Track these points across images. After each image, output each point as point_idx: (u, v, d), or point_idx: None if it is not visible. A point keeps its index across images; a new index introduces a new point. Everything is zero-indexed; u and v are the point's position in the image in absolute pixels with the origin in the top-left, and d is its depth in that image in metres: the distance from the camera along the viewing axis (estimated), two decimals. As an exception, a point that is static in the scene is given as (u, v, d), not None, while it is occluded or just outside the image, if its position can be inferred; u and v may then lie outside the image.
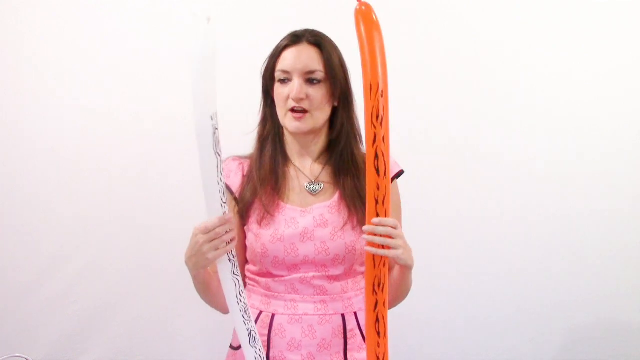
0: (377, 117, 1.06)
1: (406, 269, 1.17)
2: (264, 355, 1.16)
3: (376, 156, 1.07)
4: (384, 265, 1.10)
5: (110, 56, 2.16)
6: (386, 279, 1.11)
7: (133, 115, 2.17)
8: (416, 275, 1.35)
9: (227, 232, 1.09)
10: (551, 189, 2.22)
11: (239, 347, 1.28)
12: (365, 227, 1.09)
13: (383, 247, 1.08)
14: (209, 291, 1.24)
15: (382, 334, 1.12)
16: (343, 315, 1.25)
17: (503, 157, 2.22)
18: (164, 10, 2.17)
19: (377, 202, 1.08)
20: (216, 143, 1.05)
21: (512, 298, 2.24)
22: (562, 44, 2.21)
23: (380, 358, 1.12)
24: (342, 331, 1.24)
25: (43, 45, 2.16)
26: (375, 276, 1.10)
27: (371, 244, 1.09)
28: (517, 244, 2.23)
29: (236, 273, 1.13)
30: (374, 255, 1.09)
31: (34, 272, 2.18)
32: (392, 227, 1.09)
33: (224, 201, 1.09)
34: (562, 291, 2.24)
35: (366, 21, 1.06)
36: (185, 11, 2.13)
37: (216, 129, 1.05)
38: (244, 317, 1.14)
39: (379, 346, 1.12)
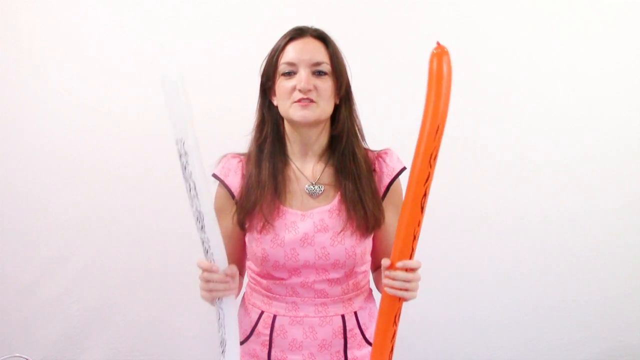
0: (435, 158, 1.05)
1: None
2: None
3: (425, 194, 1.07)
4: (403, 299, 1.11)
5: (110, 56, 2.16)
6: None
7: (133, 115, 2.17)
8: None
9: (220, 283, 1.10)
10: (551, 188, 2.22)
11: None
12: (391, 273, 1.09)
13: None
14: None
15: None
16: (343, 316, 1.25)
17: (503, 157, 2.21)
18: (165, 10, 2.16)
19: (414, 238, 1.08)
20: (183, 168, 1.03)
21: (512, 298, 2.24)
22: (562, 43, 2.20)
23: None
24: (342, 331, 1.25)
25: (44, 45, 2.16)
26: (398, 309, 1.11)
27: (391, 286, 1.09)
28: (517, 244, 2.23)
29: (219, 305, 1.13)
30: None
31: (34, 272, 2.18)
32: (413, 270, 1.09)
33: (199, 227, 1.07)
34: (561, 291, 2.24)
35: (441, 63, 1.04)
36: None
37: (181, 154, 1.02)
38: (219, 346, 1.14)
39: None
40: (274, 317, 1.25)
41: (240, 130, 1.31)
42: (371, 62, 2.08)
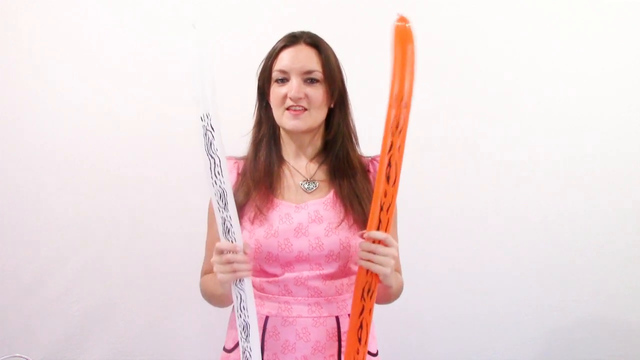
0: (397, 126, 1.07)
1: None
2: None
3: (389, 164, 1.08)
4: (376, 274, 1.11)
5: (110, 56, 2.16)
6: (376, 287, 1.12)
7: (133, 115, 2.17)
8: (417, 275, 1.35)
9: (242, 263, 1.09)
10: (551, 188, 2.22)
11: (232, 350, 1.28)
12: (360, 244, 1.10)
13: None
14: (219, 298, 1.23)
15: (362, 342, 1.13)
16: (337, 318, 1.24)
17: (503, 157, 2.21)
18: (165, 10, 2.17)
19: (381, 209, 1.08)
20: (208, 145, 1.05)
21: (512, 298, 2.24)
22: (562, 43, 2.20)
23: None
24: (336, 334, 1.23)
25: (44, 45, 2.16)
26: (367, 282, 1.10)
27: (359, 257, 1.10)
28: (517, 244, 2.23)
29: (240, 287, 1.12)
30: None
31: (34, 272, 2.18)
32: (382, 243, 1.09)
33: (221, 205, 1.08)
34: (562, 291, 2.24)
35: (402, 35, 1.07)
36: (185, 20, 2.14)
37: (207, 130, 1.05)
38: (241, 334, 1.14)
39: (358, 353, 1.12)
40: (266, 318, 1.23)
41: (239, 130, 1.31)
42: (371, 62, 2.07)
